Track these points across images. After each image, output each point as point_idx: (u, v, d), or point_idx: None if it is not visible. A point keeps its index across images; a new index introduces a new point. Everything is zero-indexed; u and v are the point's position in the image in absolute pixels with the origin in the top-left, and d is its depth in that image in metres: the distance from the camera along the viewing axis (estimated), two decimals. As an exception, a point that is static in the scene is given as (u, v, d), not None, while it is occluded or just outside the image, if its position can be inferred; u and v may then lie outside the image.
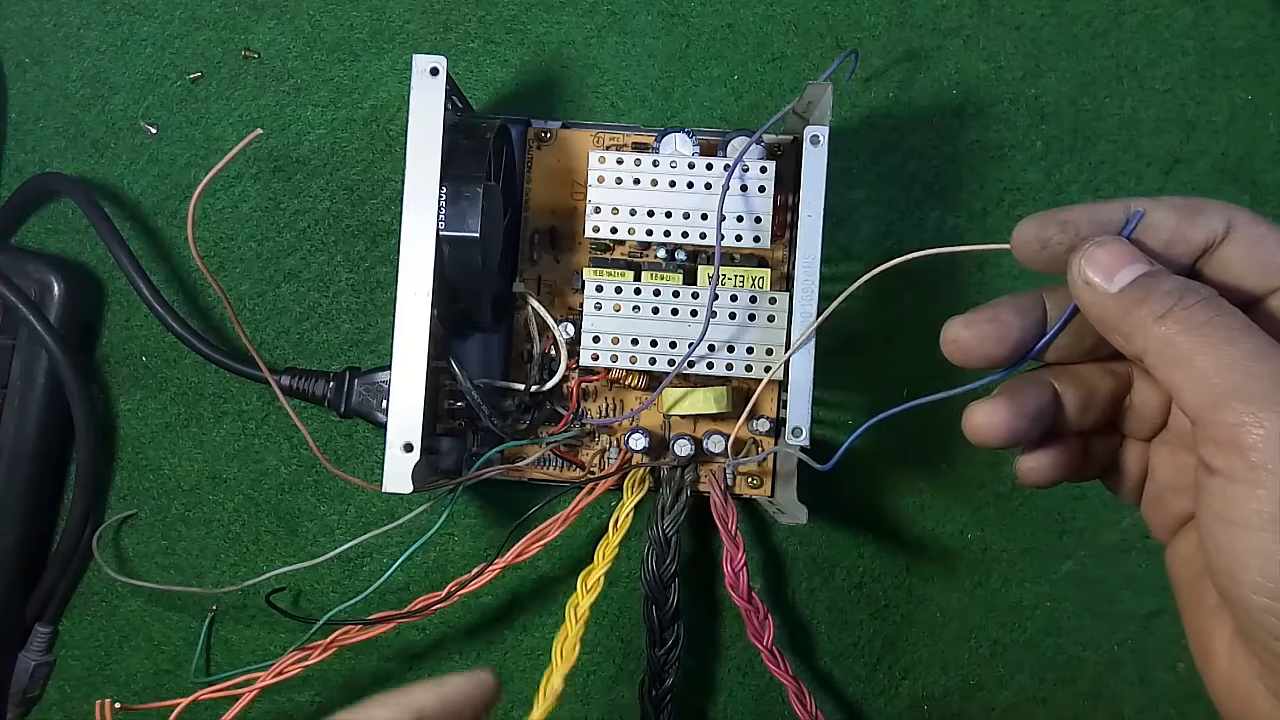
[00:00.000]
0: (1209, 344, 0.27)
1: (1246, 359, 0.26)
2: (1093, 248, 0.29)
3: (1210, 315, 0.27)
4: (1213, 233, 0.29)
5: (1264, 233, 0.29)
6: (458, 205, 0.42)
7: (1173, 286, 0.28)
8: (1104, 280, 0.29)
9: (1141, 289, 0.28)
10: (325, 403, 0.48)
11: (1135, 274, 0.29)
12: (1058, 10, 0.52)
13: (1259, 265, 0.29)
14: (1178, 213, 0.29)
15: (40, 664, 0.51)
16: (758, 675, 0.51)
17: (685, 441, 0.47)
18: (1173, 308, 0.27)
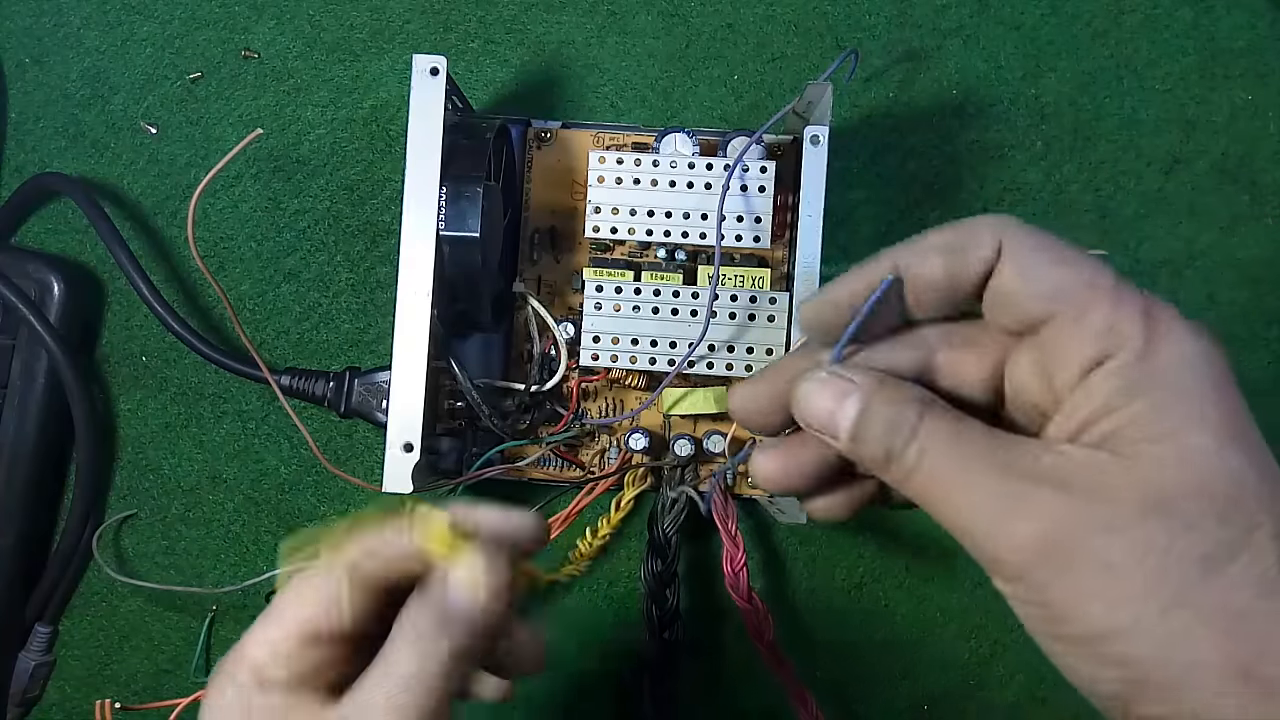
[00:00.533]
0: (932, 488, 0.27)
1: (968, 490, 0.26)
2: (803, 402, 0.29)
3: (924, 447, 0.27)
4: (986, 262, 0.27)
5: (1030, 256, 0.27)
6: (458, 205, 0.42)
7: (885, 426, 0.27)
8: (832, 433, 0.28)
9: (861, 439, 0.28)
10: (325, 403, 0.48)
11: (851, 416, 0.28)
12: (1058, 10, 0.52)
13: (1027, 293, 0.27)
14: (945, 255, 0.28)
15: (40, 664, 0.51)
16: (758, 675, 0.51)
17: (685, 441, 0.47)
18: (892, 452, 0.27)
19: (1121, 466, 0.25)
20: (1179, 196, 0.52)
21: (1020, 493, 0.25)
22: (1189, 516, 0.24)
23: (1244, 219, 0.52)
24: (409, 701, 0.28)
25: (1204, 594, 0.24)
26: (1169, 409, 0.25)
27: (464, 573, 0.29)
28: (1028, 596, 0.25)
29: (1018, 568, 0.25)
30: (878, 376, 0.28)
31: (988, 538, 0.26)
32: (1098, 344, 0.26)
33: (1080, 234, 0.52)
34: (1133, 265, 0.52)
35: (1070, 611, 0.25)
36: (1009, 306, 0.27)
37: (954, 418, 0.27)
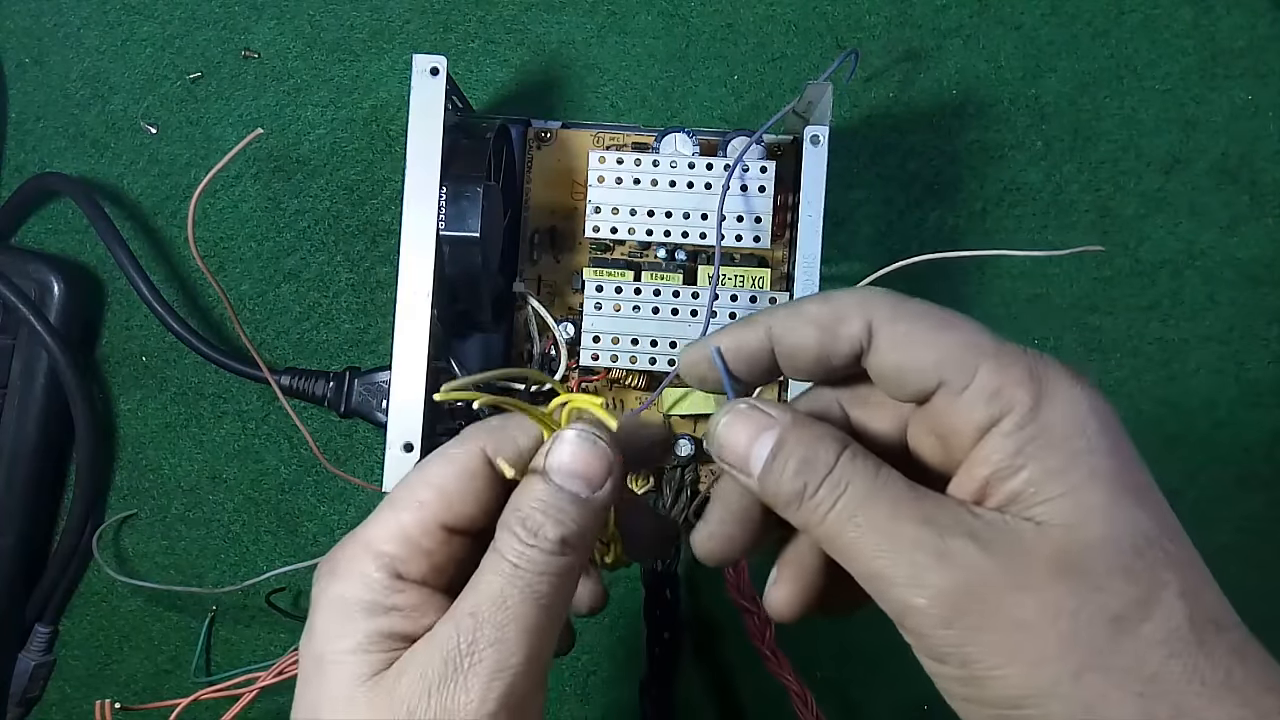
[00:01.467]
0: (847, 531, 0.26)
1: (881, 541, 0.25)
2: (720, 432, 0.28)
3: (837, 493, 0.26)
4: (855, 342, 0.27)
5: (904, 332, 0.27)
6: (458, 205, 0.42)
7: (798, 466, 0.27)
8: (744, 468, 0.28)
9: (773, 477, 0.27)
10: (325, 403, 0.48)
11: (764, 452, 0.27)
12: (1058, 10, 0.52)
13: (908, 369, 0.27)
14: (817, 328, 0.28)
15: (40, 664, 0.51)
16: (759, 675, 0.51)
17: (685, 441, 0.47)
18: (804, 493, 0.26)
19: (1028, 529, 0.25)
20: (1179, 196, 0.52)
21: (937, 545, 0.25)
22: (1096, 577, 0.24)
23: (1244, 219, 0.52)
24: (525, 584, 0.27)
25: (1116, 657, 0.24)
26: (1062, 468, 0.25)
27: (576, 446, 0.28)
28: (942, 655, 0.25)
29: (933, 621, 0.25)
30: (795, 413, 0.28)
31: (905, 586, 0.25)
32: (986, 409, 0.26)
33: (1080, 234, 0.52)
34: (1133, 265, 0.52)
35: (988, 672, 0.24)
36: (893, 381, 0.27)
37: (874, 460, 0.27)
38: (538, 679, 0.27)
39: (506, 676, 0.26)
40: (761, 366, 0.29)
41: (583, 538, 0.28)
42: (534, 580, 0.27)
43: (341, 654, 0.27)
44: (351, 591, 0.27)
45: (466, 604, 0.27)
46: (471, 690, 0.25)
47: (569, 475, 0.28)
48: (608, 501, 0.28)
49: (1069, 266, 0.51)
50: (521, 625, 0.26)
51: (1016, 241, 0.52)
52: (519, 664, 0.26)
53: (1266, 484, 0.52)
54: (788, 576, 0.31)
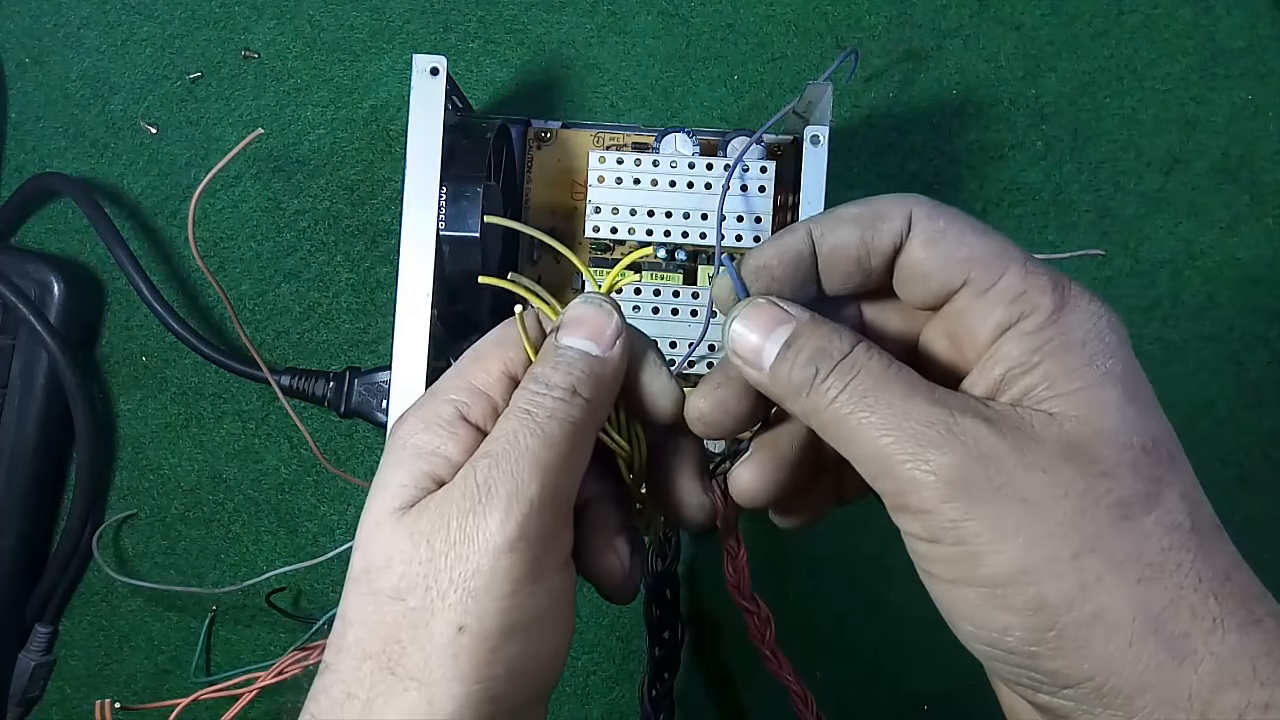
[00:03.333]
0: (856, 411, 0.26)
1: (891, 419, 0.26)
2: (736, 324, 0.29)
3: (848, 377, 0.26)
4: (896, 235, 0.28)
5: (941, 227, 0.27)
6: (458, 205, 0.42)
7: (811, 354, 0.27)
8: (755, 360, 0.28)
9: (785, 363, 0.27)
10: (325, 403, 0.48)
11: (779, 343, 0.28)
12: (1058, 10, 0.52)
13: (937, 264, 0.27)
14: (858, 225, 0.28)
15: (40, 664, 0.51)
16: (759, 675, 0.51)
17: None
18: (815, 378, 0.27)
19: (1040, 418, 0.25)
20: (1179, 196, 0.52)
21: (948, 421, 0.25)
22: (1105, 464, 0.25)
23: (1244, 219, 0.52)
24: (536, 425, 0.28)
25: (1117, 541, 0.24)
26: (1079, 367, 0.26)
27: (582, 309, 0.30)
28: (939, 533, 0.25)
29: (934, 498, 0.25)
30: (811, 312, 0.28)
31: (908, 462, 0.25)
32: (1009, 309, 0.26)
33: (1080, 234, 0.52)
34: (1133, 265, 0.52)
35: (984, 548, 0.24)
36: (920, 278, 0.28)
37: (887, 355, 0.27)
38: (558, 519, 0.28)
39: (523, 506, 0.27)
40: (801, 273, 0.29)
41: (592, 388, 0.29)
42: (544, 423, 0.28)
43: (384, 487, 0.29)
44: (408, 431, 0.29)
45: (483, 448, 0.28)
46: (491, 519, 0.27)
47: (577, 334, 0.30)
48: (618, 362, 0.30)
49: (1069, 266, 0.52)
50: (534, 461, 0.27)
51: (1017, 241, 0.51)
52: (535, 496, 0.27)
53: (1266, 484, 0.52)
54: (760, 459, 0.31)
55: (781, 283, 0.29)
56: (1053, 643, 0.24)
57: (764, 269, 0.29)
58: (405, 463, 0.29)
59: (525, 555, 0.27)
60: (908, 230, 0.28)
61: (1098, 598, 0.24)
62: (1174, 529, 0.24)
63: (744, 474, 0.31)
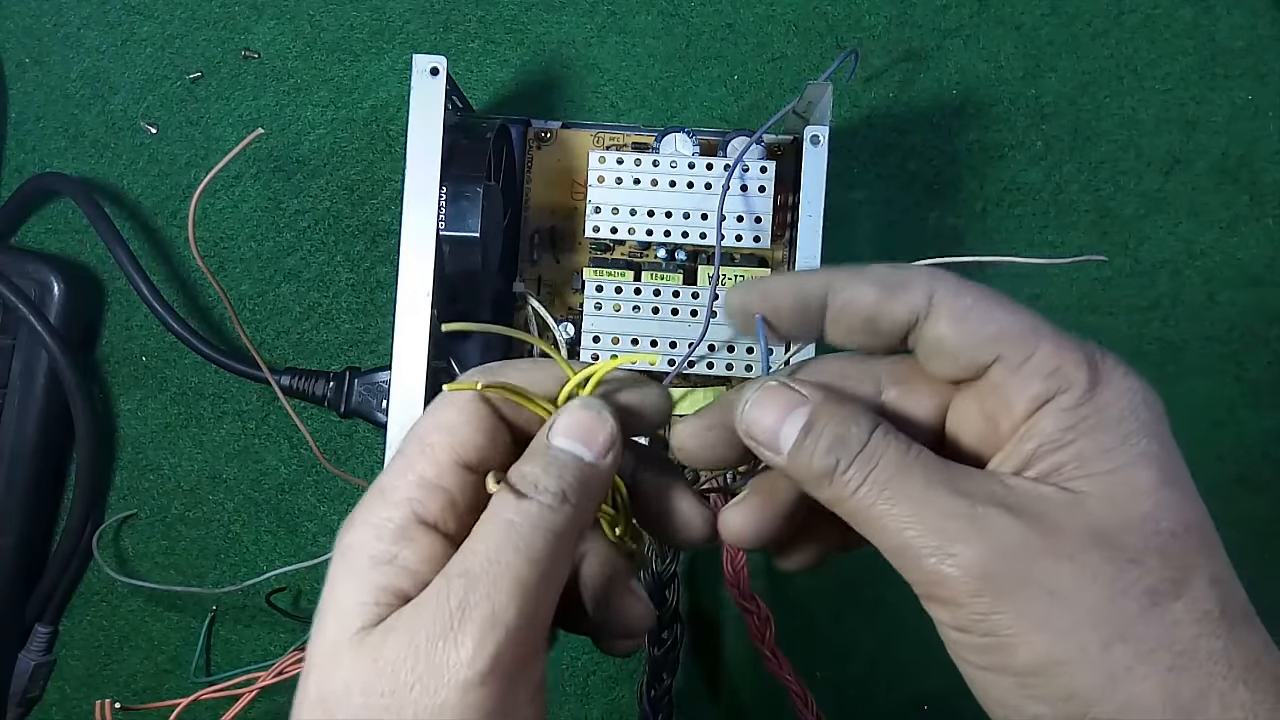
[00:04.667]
0: (879, 501, 0.26)
1: (914, 510, 0.26)
2: (749, 410, 0.28)
3: (869, 468, 0.26)
4: (914, 309, 0.28)
5: (967, 305, 0.27)
6: (458, 205, 0.42)
7: (830, 442, 0.27)
8: (771, 442, 0.28)
9: (805, 453, 0.27)
10: (325, 403, 0.48)
11: (795, 429, 0.27)
12: (1058, 10, 0.52)
13: (964, 342, 0.27)
14: (879, 288, 0.28)
15: (40, 664, 0.51)
16: (759, 675, 0.51)
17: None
18: (835, 469, 0.27)
19: (1067, 499, 0.25)
20: (1179, 196, 0.52)
21: (970, 513, 0.25)
22: (1133, 551, 0.24)
23: (1244, 219, 0.52)
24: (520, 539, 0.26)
25: (1147, 629, 0.24)
26: (1113, 448, 0.25)
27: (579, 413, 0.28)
28: (969, 624, 0.25)
29: (961, 591, 0.25)
30: (826, 391, 0.28)
31: (932, 557, 0.25)
32: (1044, 385, 0.26)
33: (1080, 234, 0.52)
34: (1133, 265, 0.52)
35: (1014, 640, 0.24)
36: (947, 354, 0.28)
37: (904, 438, 0.27)
38: (533, 645, 0.26)
39: (499, 635, 0.25)
40: (809, 317, 0.29)
41: (582, 495, 0.27)
42: (529, 535, 0.26)
43: (339, 604, 0.26)
44: (360, 540, 0.27)
45: (458, 564, 0.26)
46: (462, 649, 0.25)
47: (572, 436, 0.28)
48: (608, 472, 0.28)
49: (1069, 267, 0.51)
50: (515, 581, 0.25)
51: (1016, 241, 0.52)
52: (512, 622, 0.25)
53: (1266, 484, 0.52)
54: (753, 504, 0.31)
55: (785, 317, 0.29)
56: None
57: (774, 295, 0.29)
58: (361, 575, 0.26)
59: (496, 690, 0.25)
60: (928, 307, 0.27)
61: (1128, 688, 0.24)
62: (1204, 616, 0.24)
63: (734, 517, 0.31)
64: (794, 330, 0.29)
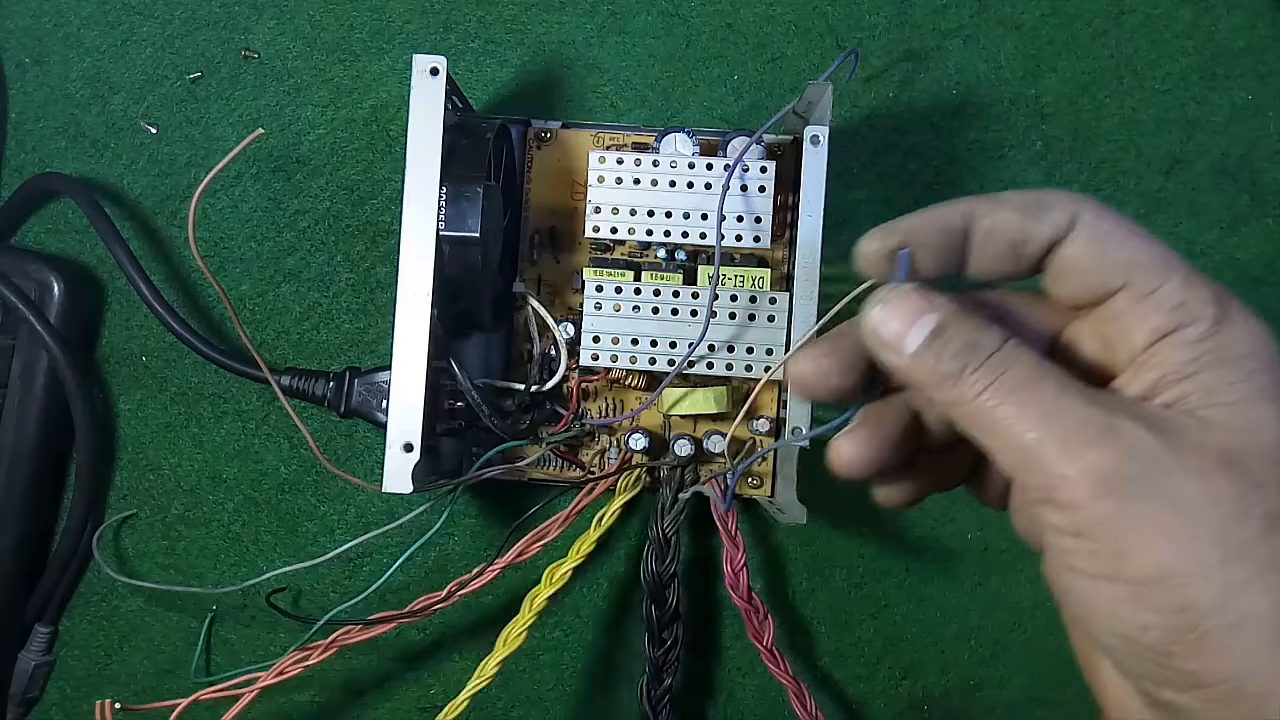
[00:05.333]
0: (1005, 405, 0.27)
1: (1043, 415, 0.26)
2: (877, 307, 0.29)
3: (999, 371, 0.27)
4: (1057, 228, 0.28)
5: (1107, 229, 0.28)
6: (458, 205, 0.42)
7: (961, 344, 0.27)
8: (896, 342, 0.28)
9: (933, 352, 0.28)
10: (325, 403, 0.48)
11: (925, 331, 0.28)
12: (1058, 10, 0.52)
13: (1098, 264, 0.28)
14: (1020, 212, 0.29)
15: (40, 664, 0.51)
16: (758, 675, 0.51)
17: (685, 441, 0.47)
18: (964, 370, 0.27)
19: (1196, 423, 0.26)
20: (1179, 196, 0.52)
21: (1105, 420, 0.26)
22: (1258, 476, 0.25)
23: (1244, 219, 0.52)
24: None
25: (1263, 550, 0.25)
26: (1236, 382, 0.26)
27: None
28: (1087, 528, 0.25)
29: (1086, 494, 0.25)
30: (958, 303, 0.29)
31: (1060, 459, 0.25)
32: (1169, 316, 0.27)
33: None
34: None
35: (1134, 546, 0.25)
36: (1079, 275, 0.28)
37: (1033, 350, 0.27)
38: None
39: None
40: (951, 248, 0.30)
41: None
42: None
43: None
44: None
45: None
46: None
47: None
48: None
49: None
50: None
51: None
52: None
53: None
54: (862, 434, 0.32)
55: (930, 251, 0.29)
56: (1193, 645, 0.24)
57: (917, 231, 0.29)
58: None
59: None
60: (1070, 226, 0.28)
61: (1241, 604, 0.24)
62: None
63: (844, 445, 0.32)
64: (936, 264, 0.30)
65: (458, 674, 0.52)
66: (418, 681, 0.52)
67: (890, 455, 0.32)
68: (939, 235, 0.29)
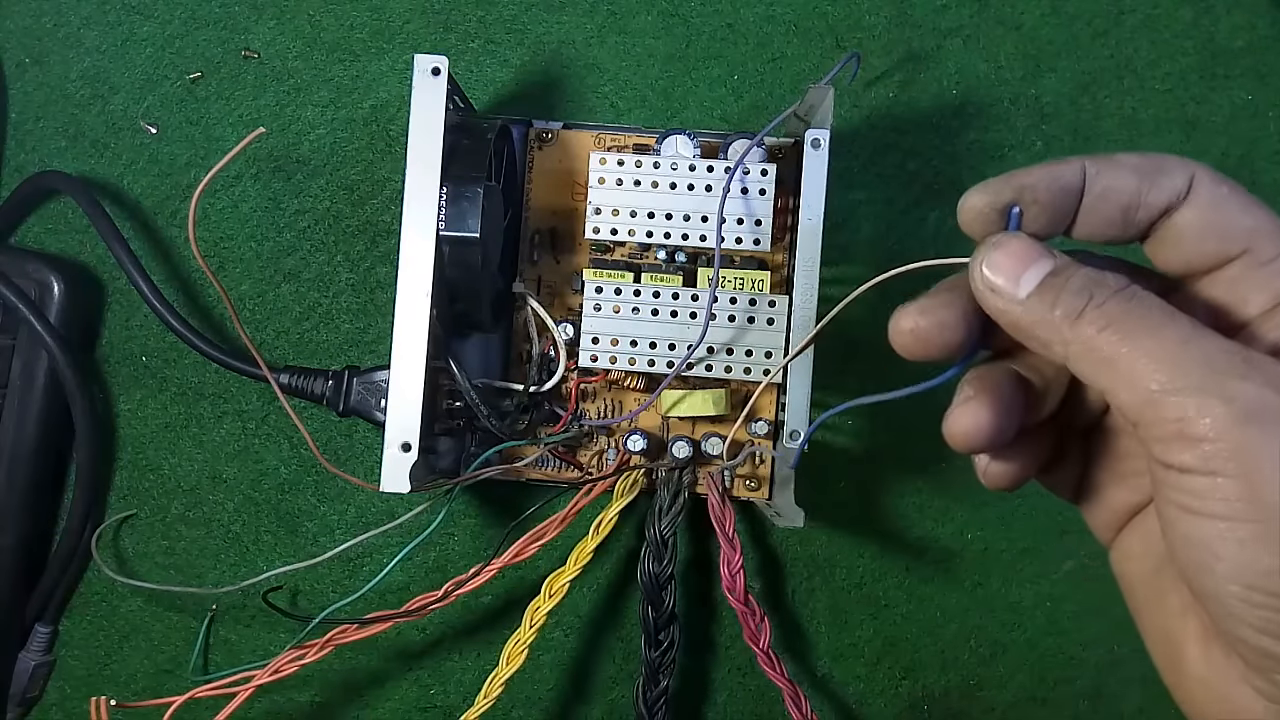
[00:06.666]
0: (1131, 340, 0.26)
1: (1174, 348, 0.25)
2: (990, 250, 0.28)
3: (1126, 308, 0.26)
4: (1175, 193, 0.28)
5: (1225, 194, 0.28)
6: (458, 205, 0.42)
7: (1082, 283, 0.27)
8: (1009, 286, 0.28)
9: (1051, 291, 0.27)
10: (324, 401, 0.48)
11: (1041, 274, 0.27)
12: (1058, 10, 0.52)
13: (1217, 230, 0.28)
14: (1137, 175, 0.28)
15: (40, 664, 0.51)
16: (755, 677, 0.51)
17: (683, 443, 0.47)
18: (1086, 307, 0.26)
19: None
20: (1179, 197, 0.52)
21: (1243, 355, 0.25)
22: None
23: (1244, 220, 0.52)
24: None
25: None
26: None
27: None
28: (1221, 464, 0.24)
29: (1225, 425, 0.24)
30: (1068, 257, 0.28)
31: (1196, 391, 0.24)
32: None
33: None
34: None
35: (1271, 481, 0.24)
36: (1195, 240, 0.28)
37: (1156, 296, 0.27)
38: None
39: None
40: (1063, 206, 0.29)
41: None
42: None
43: None
44: None
45: None
46: None
47: None
48: None
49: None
50: None
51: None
52: None
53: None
54: (977, 403, 0.30)
55: (1041, 208, 0.29)
56: None
57: (1029, 189, 0.29)
58: None
59: None
60: (1188, 190, 0.28)
61: None
62: None
63: (960, 418, 0.30)
64: (1045, 223, 0.29)
65: (457, 674, 0.52)
66: (417, 681, 0.52)
67: (1007, 424, 0.30)
68: (1053, 193, 0.29)
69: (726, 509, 0.45)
